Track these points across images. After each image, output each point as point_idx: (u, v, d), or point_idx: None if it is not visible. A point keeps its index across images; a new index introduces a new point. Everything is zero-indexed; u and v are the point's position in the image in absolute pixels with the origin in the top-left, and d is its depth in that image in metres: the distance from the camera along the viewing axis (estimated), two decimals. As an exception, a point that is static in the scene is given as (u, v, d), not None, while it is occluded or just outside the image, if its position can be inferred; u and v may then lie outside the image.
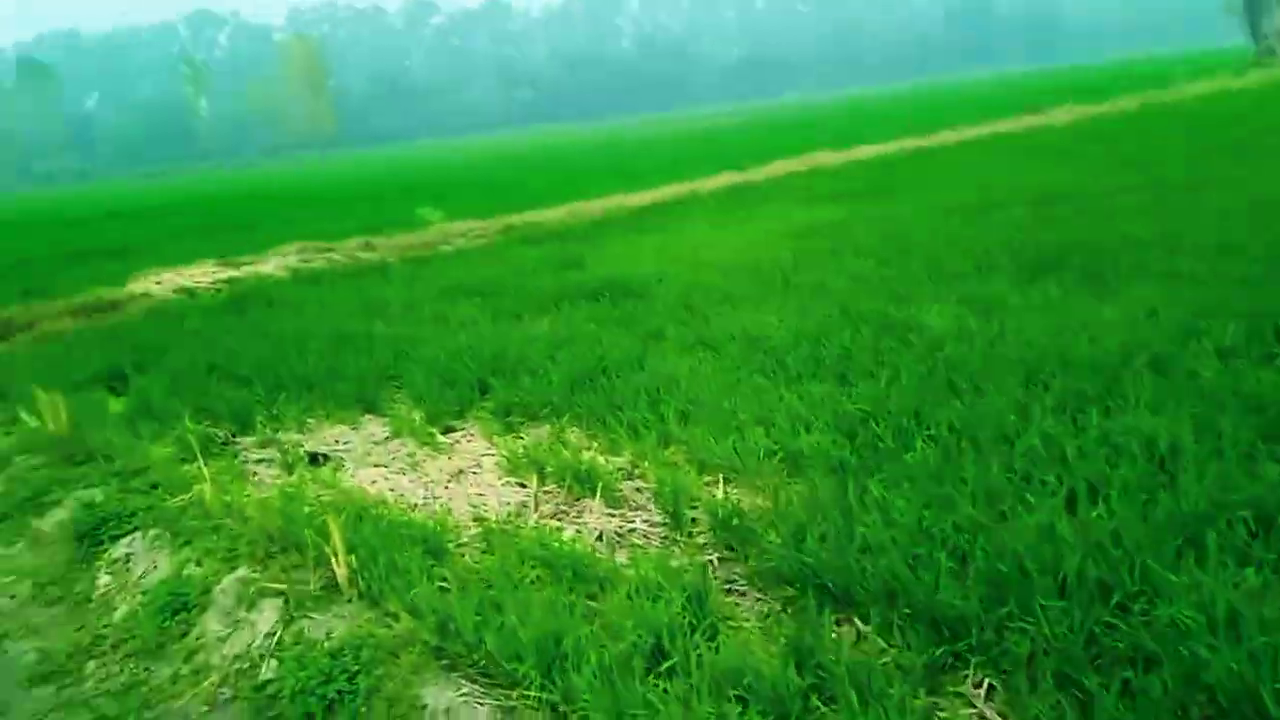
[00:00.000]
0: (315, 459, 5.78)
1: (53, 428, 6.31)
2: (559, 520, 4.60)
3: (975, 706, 2.83)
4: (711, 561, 4.00)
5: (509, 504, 4.82)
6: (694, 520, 4.38)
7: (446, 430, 6.05)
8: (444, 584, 3.73)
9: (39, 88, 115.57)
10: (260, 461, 5.82)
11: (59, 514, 4.99)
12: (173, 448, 5.92)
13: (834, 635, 3.15)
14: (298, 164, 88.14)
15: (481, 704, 2.97)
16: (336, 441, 6.10)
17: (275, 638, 3.37)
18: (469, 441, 5.89)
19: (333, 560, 3.70)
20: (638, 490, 4.81)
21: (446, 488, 5.18)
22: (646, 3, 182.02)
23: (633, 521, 4.51)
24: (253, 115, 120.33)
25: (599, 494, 4.65)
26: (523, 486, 5.09)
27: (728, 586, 3.77)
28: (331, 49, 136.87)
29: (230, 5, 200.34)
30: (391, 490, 5.17)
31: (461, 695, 3.01)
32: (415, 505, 4.94)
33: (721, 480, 4.65)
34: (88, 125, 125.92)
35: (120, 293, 11.69)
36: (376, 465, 5.62)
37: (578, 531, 4.42)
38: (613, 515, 4.57)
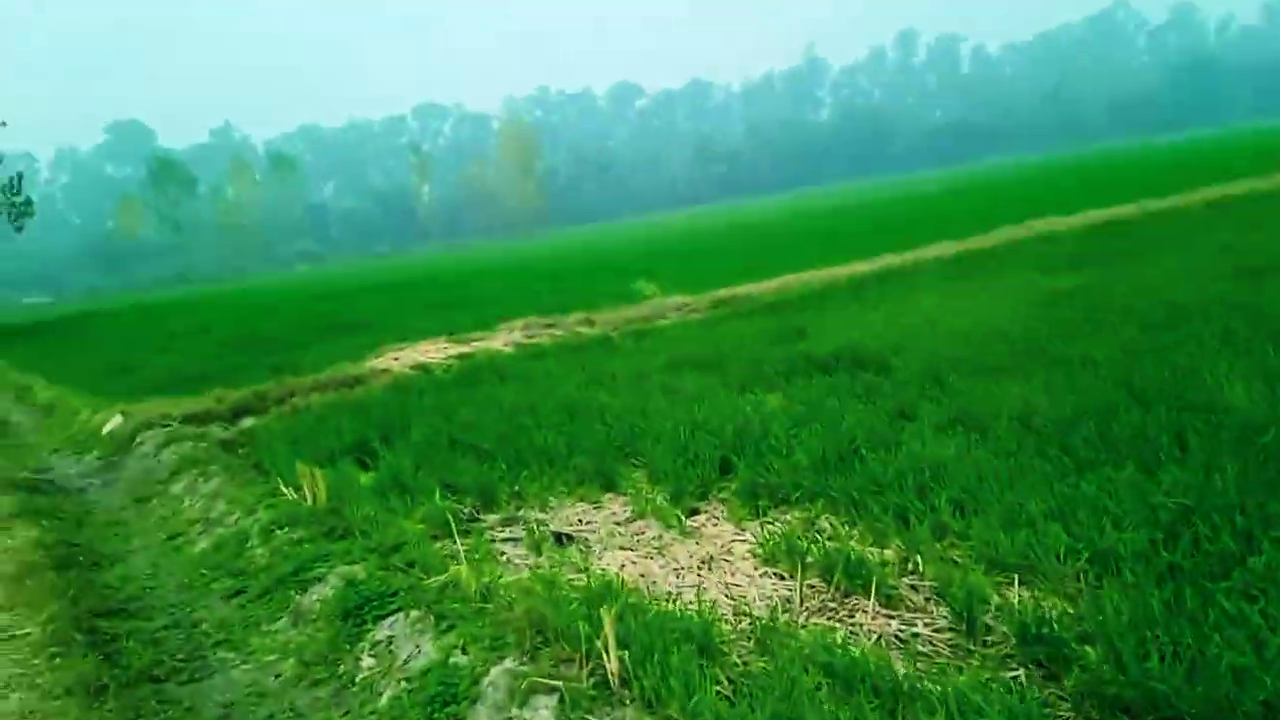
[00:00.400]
0: (560, 539, 5.66)
1: (310, 501, 6.53)
2: (827, 619, 4.21)
3: None
4: (1018, 678, 3.50)
5: (770, 598, 4.47)
6: (988, 627, 3.89)
7: (691, 512, 5.79)
8: (720, 688, 3.43)
9: (285, 178, 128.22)
10: (507, 540, 5.74)
11: (321, 590, 5.05)
12: (424, 524, 5.96)
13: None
14: (510, 242, 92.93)
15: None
16: (580, 521, 5.97)
17: (553, 742, 3.15)
18: (714, 525, 5.60)
19: (605, 656, 3.47)
20: (913, 588, 4.35)
21: (699, 575, 4.90)
22: (847, 70, 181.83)
23: (914, 625, 4.06)
24: (468, 198, 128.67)
25: (873, 591, 4.23)
26: (780, 578, 4.74)
27: (1047, 711, 3.25)
28: (543, 133, 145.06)
29: (454, 97, 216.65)
30: (642, 576, 4.94)
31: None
32: (669, 594, 4.68)
33: (1016, 581, 4.12)
34: (324, 212, 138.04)
35: (362, 368, 12.33)
36: (623, 548, 5.42)
37: (852, 633, 4.02)
38: (890, 616, 4.14)
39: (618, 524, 5.84)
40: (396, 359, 12.91)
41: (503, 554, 5.50)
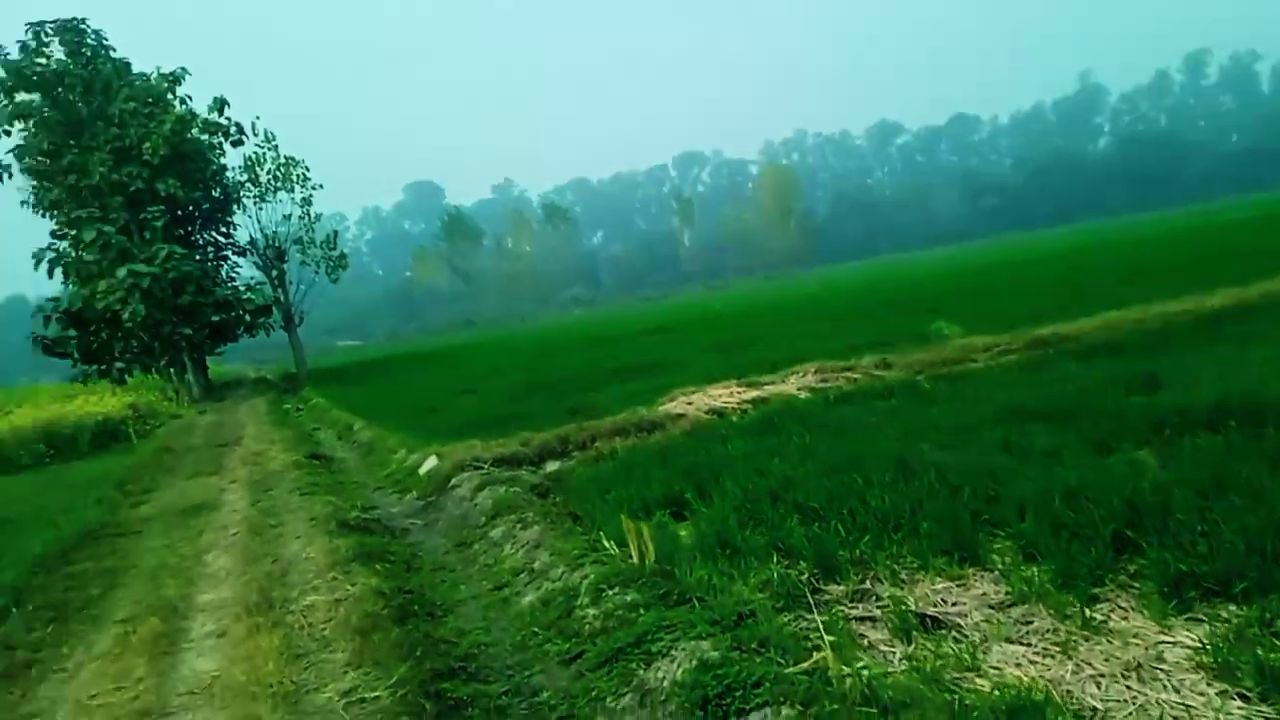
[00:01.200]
0: (926, 623, 4.88)
1: (637, 559, 6.14)
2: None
3: None
4: None
5: (1244, 729, 3.47)
6: None
7: (1088, 599, 4.82)
8: None
9: (558, 229, 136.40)
10: (861, 619, 5.04)
11: (668, 667, 4.56)
12: (764, 593, 5.38)
13: None
14: (771, 282, 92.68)
15: None
16: (943, 601, 5.16)
17: None
18: (1124, 619, 4.60)
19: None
20: None
21: (1128, 688, 3.95)
22: (1128, 96, 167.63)
23: None
24: (729, 240, 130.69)
25: None
26: (1244, 699, 3.71)
27: None
28: (801, 174, 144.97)
29: (712, 144, 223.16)
30: (1050, 683, 4.05)
31: None
32: (1097, 712, 3.78)
33: None
34: (593, 259, 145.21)
35: (658, 412, 12.10)
36: (1011, 641, 4.55)
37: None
38: None
39: (993, 609, 4.97)
40: (690, 403, 12.60)
41: (862, 637, 4.80)
